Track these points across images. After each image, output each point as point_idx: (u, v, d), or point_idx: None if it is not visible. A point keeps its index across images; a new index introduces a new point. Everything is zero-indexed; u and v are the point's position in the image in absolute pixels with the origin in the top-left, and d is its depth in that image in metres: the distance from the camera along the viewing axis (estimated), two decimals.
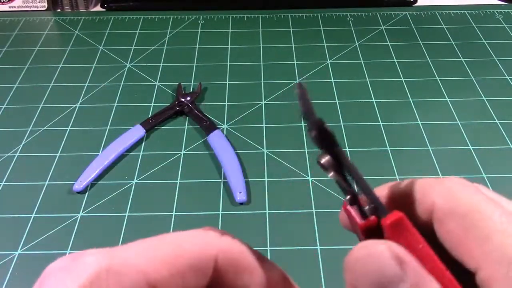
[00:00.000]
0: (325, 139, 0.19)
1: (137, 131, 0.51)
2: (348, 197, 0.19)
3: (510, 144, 0.50)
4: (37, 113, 0.54)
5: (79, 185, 0.45)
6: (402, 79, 0.58)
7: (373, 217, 0.18)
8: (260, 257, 0.19)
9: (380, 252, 0.16)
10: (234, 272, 0.18)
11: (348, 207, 0.19)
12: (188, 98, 0.54)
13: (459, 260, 0.17)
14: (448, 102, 0.55)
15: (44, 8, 0.71)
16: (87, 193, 0.45)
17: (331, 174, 0.20)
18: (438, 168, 0.47)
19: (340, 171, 0.19)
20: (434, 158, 0.48)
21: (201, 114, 0.53)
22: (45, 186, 0.46)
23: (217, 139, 0.49)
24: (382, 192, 0.20)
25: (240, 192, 0.44)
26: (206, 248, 0.18)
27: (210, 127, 0.51)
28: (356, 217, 0.18)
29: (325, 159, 0.19)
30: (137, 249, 0.17)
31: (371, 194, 0.18)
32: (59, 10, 0.72)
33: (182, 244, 0.17)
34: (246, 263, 0.18)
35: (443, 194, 0.17)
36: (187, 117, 0.53)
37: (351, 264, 0.17)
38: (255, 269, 0.18)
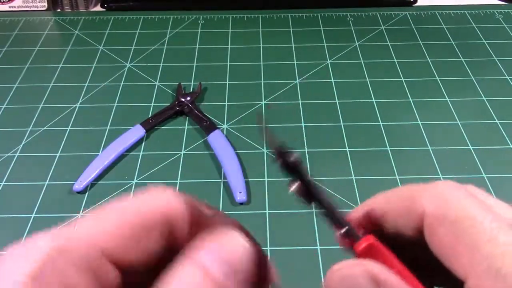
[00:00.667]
0: (291, 168, 0.19)
1: (137, 131, 0.51)
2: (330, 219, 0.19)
3: (510, 144, 0.50)
4: (37, 113, 0.54)
5: (79, 185, 0.45)
6: (402, 79, 0.58)
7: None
8: (210, 209, 0.19)
9: (355, 274, 0.16)
10: (186, 226, 0.18)
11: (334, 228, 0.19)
12: (188, 98, 0.54)
13: (449, 268, 0.16)
14: (448, 102, 0.55)
15: (44, 8, 0.71)
16: (87, 193, 0.45)
17: (306, 202, 0.20)
18: (438, 168, 0.47)
19: (312, 197, 0.20)
20: (434, 158, 0.48)
21: (201, 114, 0.53)
22: (45, 186, 0.46)
23: (217, 139, 0.49)
24: (370, 205, 0.19)
25: (240, 192, 0.44)
26: (153, 207, 0.18)
27: (210, 127, 0.51)
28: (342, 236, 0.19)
29: (293, 187, 0.20)
30: (86, 224, 0.17)
31: (341, 221, 0.19)
32: (59, 10, 0.72)
33: (129, 208, 0.17)
34: (195, 216, 0.18)
35: (433, 199, 0.17)
36: (187, 117, 0.53)
37: (329, 284, 0.16)
38: (207, 222, 0.18)
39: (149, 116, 0.53)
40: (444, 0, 0.73)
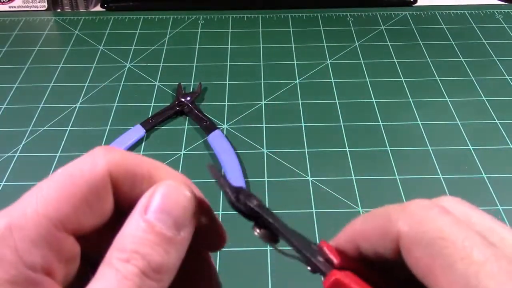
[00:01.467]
0: (250, 215, 0.20)
1: (137, 131, 0.51)
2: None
3: (510, 144, 0.50)
4: (37, 113, 0.54)
5: None
6: (402, 79, 0.58)
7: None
8: (158, 165, 0.19)
9: None
10: (132, 182, 0.18)
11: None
12: (188, 98, 0.54)
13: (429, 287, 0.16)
14: (448, 102, 0.55)
15: (44, 8, 0.72)
16: None
17: (272, 245, 0.20)
18: (438, 168, 0.47)
19: (277, 239, 0.20)
20: (434, 158, 0.48)
21: (201, 114, 0.53)
22: None
23: (217, 139, 0.49)
24: (349, 228, 0.20)
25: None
26: (96, 167, 0.18)
27: (210, 127, 0.51)
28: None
29: (257, 232, 0.20)
30: (32, 198, 0.17)
31: (307, 259, 0.19)
32: (59, 10, 0.72)
33: (71, 174, 0.18)
34: (141, 172, 0.19)
35: (407, 220, 0.17)
36: (187, 117, 0.53)
37: None
38: (152, 176, 0.19)
39: (149, 116, 0.53)
40: (444, 0, 0.73)
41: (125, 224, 0.17)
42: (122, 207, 0.19)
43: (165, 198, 0.17)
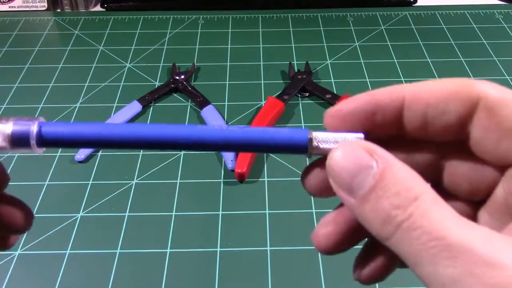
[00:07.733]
0: None
1: (134, 107, 0.54)
2: None
3: None
4: (37, 113, 0.54)
5: (80, 155, 0.49)
6: (402, 79, 0.58)
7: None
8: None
9: (354, 146, 0.19)
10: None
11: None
12: (182, 77, 0.57)
13: (488, 152, 0.19)
14: None
15: (44, 8, 0.72)
16: (87, 193, 0.45)
17: None
18: None
19: None
20: None
21: (194, 91, 0.56)
22: (45, 186, 0.46)
23: (210, 113, 0.53)
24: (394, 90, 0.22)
25: (231, 160, 0.47)
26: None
27: (204, 102, 0.54)
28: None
29: None
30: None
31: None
32: (59, 10, 0.72)
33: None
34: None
35: (493, 86, 0.19)
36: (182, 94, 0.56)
37: (332, 164, 0.20)
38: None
39: (146, 93, 0.56)
40: (444, 0, 0.73)
41: None
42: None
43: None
